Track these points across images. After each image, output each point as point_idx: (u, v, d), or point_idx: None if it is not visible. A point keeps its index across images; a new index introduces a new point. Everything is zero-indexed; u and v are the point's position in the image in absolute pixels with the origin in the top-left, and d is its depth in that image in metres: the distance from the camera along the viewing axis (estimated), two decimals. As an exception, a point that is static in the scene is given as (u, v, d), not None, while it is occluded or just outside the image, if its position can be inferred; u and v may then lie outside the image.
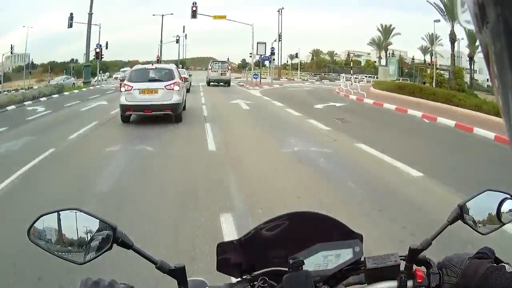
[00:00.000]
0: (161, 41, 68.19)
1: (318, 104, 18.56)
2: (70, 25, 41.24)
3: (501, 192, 1.02)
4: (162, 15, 66.31)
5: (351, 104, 19.44)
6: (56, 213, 0.85)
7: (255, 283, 0.92)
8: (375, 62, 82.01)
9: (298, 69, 63.66)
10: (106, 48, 61.71)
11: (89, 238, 0.85)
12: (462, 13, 0.34)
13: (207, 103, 18.77)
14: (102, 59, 46.10)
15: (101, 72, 52.13)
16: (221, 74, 33.57)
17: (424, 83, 30.75)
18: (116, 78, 54.72)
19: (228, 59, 36.89)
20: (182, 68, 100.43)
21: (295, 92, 27.58)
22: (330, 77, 62.76)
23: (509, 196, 1.00)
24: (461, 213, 0.99)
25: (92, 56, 40.81)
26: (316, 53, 75.90)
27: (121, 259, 2.84)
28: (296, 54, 60.40)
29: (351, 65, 52.46)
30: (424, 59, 55.24)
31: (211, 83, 33.48)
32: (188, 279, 0.88)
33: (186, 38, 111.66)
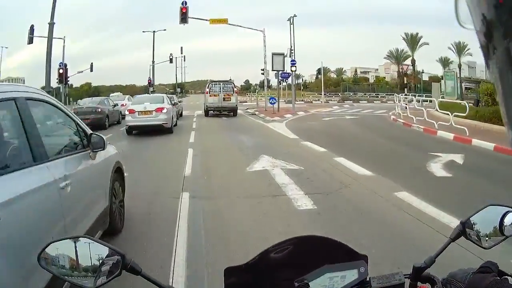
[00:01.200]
0: (153, 61, 59.07)
1: (421, 159, 8.99)
2: (30, 40, 31.78)
3: (503, 206, 1.01)
4: (154, 31, 58.04)
5: (473, 154, 9.89)
6: (66, 240, 0.88)
7: None
8: (384, 78, 77.70)
9: (301, 89, 56.23)
10: (91, 70, 53.57)
11: (99, 265, 0.86)
12: (461, 14, 0.33)
13: (194, 171, 8.34)
14: (90, 85, 36.21)
15: (71, 100, 43.35)
16: (224, 98, 24.21)
17: (478, 101, 20.46)
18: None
19: (230, 78, 25.38)
20: (180, 92, 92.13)
21: (343, 126, 18.07)
22: (355, 98, 54.49)
23: (511, 209, 0.99)
24: (463, 230, 0.98)
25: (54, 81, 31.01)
26: (324, 70, 67.89)
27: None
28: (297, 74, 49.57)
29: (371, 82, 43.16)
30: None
31: (210, 112, 24.77)
32: None
33: (184, 60, 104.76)
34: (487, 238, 1.00)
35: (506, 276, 0.88)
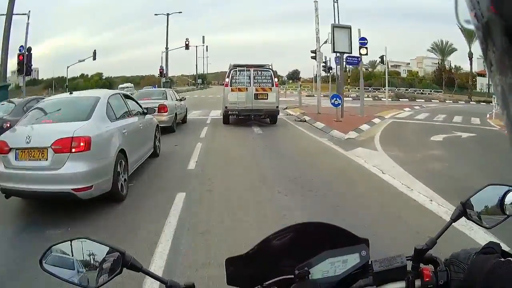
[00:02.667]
0: (166, 48, 49.94)
1: None
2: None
3: (503, 185, 1.00)
4: (167, 14, 48.62)
5: None
6: (66, 242, 0.89)
7: None
8: (417, 72, 71.83)
9: (329, 81, 47.71)
10: (94, 58, 44.91)
11: (99, 264, 0.88)
12: (461, 13, 0.34)
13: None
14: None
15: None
16: (257, 95, 14.15)
17: None
18: None
19: (272, 65, 14.83)
20: (202, 83, 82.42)
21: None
22: (410, 95, 45.28)
23: (511, 188, 0.98)
24: (464, 210, 0.98)
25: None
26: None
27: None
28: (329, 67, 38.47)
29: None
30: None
31: (231, 116, 14.64)
32: None
33: (207, 50, 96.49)
34: (488, 218, 0.99)
35: (510, 258, 0.86)
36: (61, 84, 77.01)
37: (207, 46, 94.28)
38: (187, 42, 46.18)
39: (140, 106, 7.73)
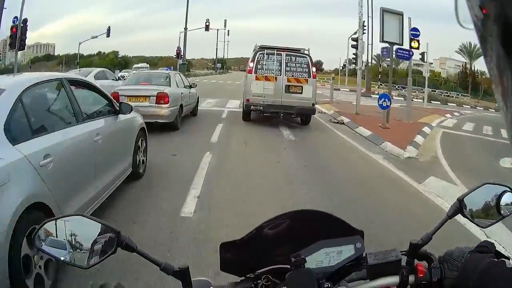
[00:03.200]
0: (185, 28, 46.71)
1: None
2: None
3: (500, 185, 1.00)
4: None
5: None
6: (60, 219, 0.86)
7: (258, 281, 0.91)
8: (439, 73, 68.59)
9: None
10: (108, 35, 42.50)
11: (92, 243, 0.85)
12: (461, 13, 0.34)
13: None
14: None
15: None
16: (289, 87, 10.84)
17: None
18: (121, 77, 37.83)
19: (309, 50, 11.30)
20: (221, 68, 79.77)
21: None
22: (444, 98, 41.89)
23: (508, 189, 0.99)
24: (460, 207, 0.97)
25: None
26: (378, 59, 58.70)
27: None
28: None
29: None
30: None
31: (252, 111, 11.32)
32: (192, 279, 0.87)
33: (228, 35, 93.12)
34: (483, 217, 0.99)
35: (503, 258, 0.86)
36: (74, 61, 75.48)
37: (228, 30, 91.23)
38: (207, 23, 43.13)
39: (110, 100, 4.68)
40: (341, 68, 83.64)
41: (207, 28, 43.00)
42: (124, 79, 13.97)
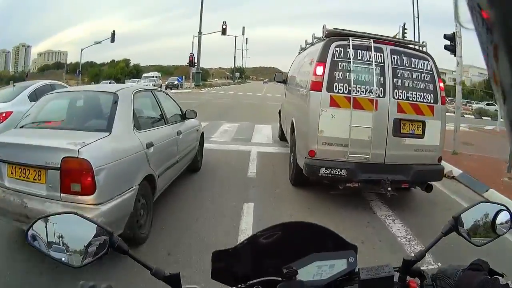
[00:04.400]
0: (200, 32, 41.34)
1: None
2: None
3: (495, 203, 1.01)
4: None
5: None
6: (54, 216, 0.84)
7: None
8: (463, 81, 59.06)
9: None
10: (112, 41, 38.69)
11: (86, 243, 0.83)
12: (461, 14, 0.35)
13: None
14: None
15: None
16: (400, 125, 4.78)
17: None
18: None
19: (427, 46, 5.26)
20: (239, 77, 74.34)
21: None
22: (494, 113, 34.22)
23: (504, 208, 0.99)
24: (455, 225, 0.97)
25: None
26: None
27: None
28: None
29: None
30: None
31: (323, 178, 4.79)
32: (182, 286, 0.87)
33: (246, 43, 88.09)
34: (478, 235, 0.97)
35: (497, 276, 0.85)
36: (84, 69, 71.56)
37: (246, 38, 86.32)
38: (224, 26, 37.67)
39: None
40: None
41: (224, 31, 37.61)
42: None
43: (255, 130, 10.99)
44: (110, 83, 43.74)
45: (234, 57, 76.61)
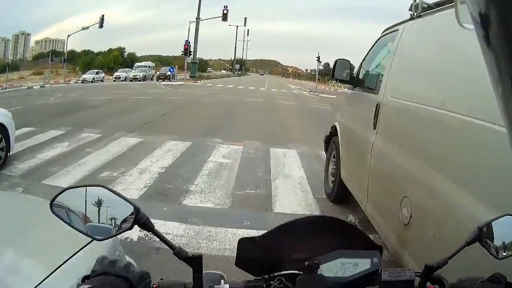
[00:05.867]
0: (198, 18, 35.93)
1: None
2: None
3: None
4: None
5: None
6: (82, 187, 0.82)
7: (271, 282, 0.88)
8: None
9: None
10: (101, 26, 34.96)
11: (111, 216, 0.81)
12: (461, 13, 0.34)
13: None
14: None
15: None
16: None
17: None
18: (117, 77, 38.19)
19: None
20: (239, 69, 69.16)
21: None
22: None
23: None
24: (480, 235, 0.93)
25: None
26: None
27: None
28: None
29: None
30: None
31: None
32: (204, 271, 0.83)
33: (248, 34, 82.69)
34: (501, 248, 0.93)
35: None
36: (78, 58, 66.20)
37: (248, 29, 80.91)
38: (225, 11, 32.32)
39: None
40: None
41: (225, 17, 32.26)
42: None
43: (273, 164, 5.82)
44: (97, 73, 38.94)
45: (235, 47, 71.40)
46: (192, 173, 5.10)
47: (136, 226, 0.79)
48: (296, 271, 0.88)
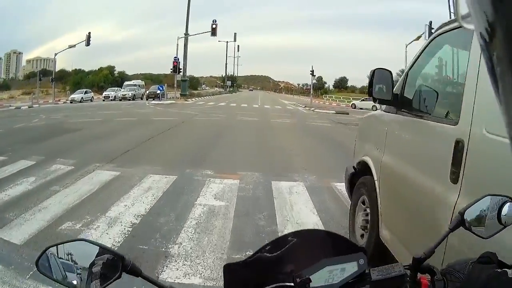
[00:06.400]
0: (186, 33, 35.23)
1: None
2: None
3: (501, 195, 0.99)
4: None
5: None
6: (63, 244, 0.81)
7: None
8: None
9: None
10: (88, 44, 33.86)
11: (98, 268, 0.80)
12: (461, 13, 0.34)
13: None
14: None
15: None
16: None
17: None
18: (106, 97, 37.49)
19: None
20: (231, 86, 68.92)
21: None
22: None
23: (509, 199, 0.97)
24: (462, 220, 0.95)
25: None
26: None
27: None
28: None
29: None
30: None
31: None
32: None
33: (238, 50, 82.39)
34: (485, 228, 0.96)
35: (506, 269, 0.85)
36: (68, 77, 65.03)
37: (238, 45, 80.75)
38: (214, 26, 31.63)
39: None
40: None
41: (213, 31, 31.41)
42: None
43: (278, 205, 4.67)
44: (85, 92, 37.77)
45: (226, 64, 70.66)
46: (175, 224, 3.93)
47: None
48: (285, 284, 0.88)
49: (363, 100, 34.55)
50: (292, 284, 0.84)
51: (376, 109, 4.18)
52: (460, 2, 0.33)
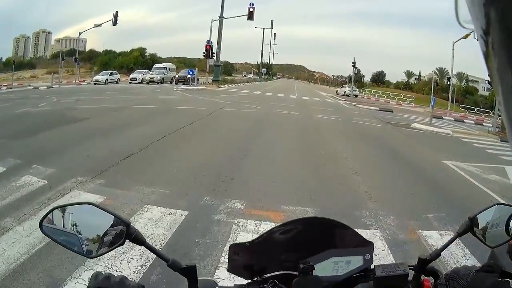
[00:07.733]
0: (221, 15, 33.31)
1: None
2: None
3: (510, 205, 0.99)
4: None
5: None
6: (70, 206, 0.82)
7: (265, 285, 0.88)
8: None
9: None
10: (115, 23, 33.06)
11: (102, 233, 0.81)
12: (461, 13, 0.33)
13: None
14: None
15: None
16: None
17: None
18: (133, 79, 36.06)
19: None
20: (266, 74, 66.40)
21: None
22: None
23: None
24: (470, 226, 0.96)
25: None
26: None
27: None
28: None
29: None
30: None
31: None
32: (198, 278, 0.84)
33: (274, 38, 79.90)
34: (492, 237, 0.96)
35: (508, 279, 0.87)
36: (91, 58, 65.19)
37: (275, 33, 78.28)
38: (251, 9, 29.59)
39: None
40: (415, 80, 67.88)
41: (250, 15, 29.29)
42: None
43: None
44: (111, 74, 36.73)
45: (262, 50, 68.47)
46: None
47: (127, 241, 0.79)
48: (289, 272, 0.87)
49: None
50: (296, 272, 0.84)
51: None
52: (460, 4, 0.33)
